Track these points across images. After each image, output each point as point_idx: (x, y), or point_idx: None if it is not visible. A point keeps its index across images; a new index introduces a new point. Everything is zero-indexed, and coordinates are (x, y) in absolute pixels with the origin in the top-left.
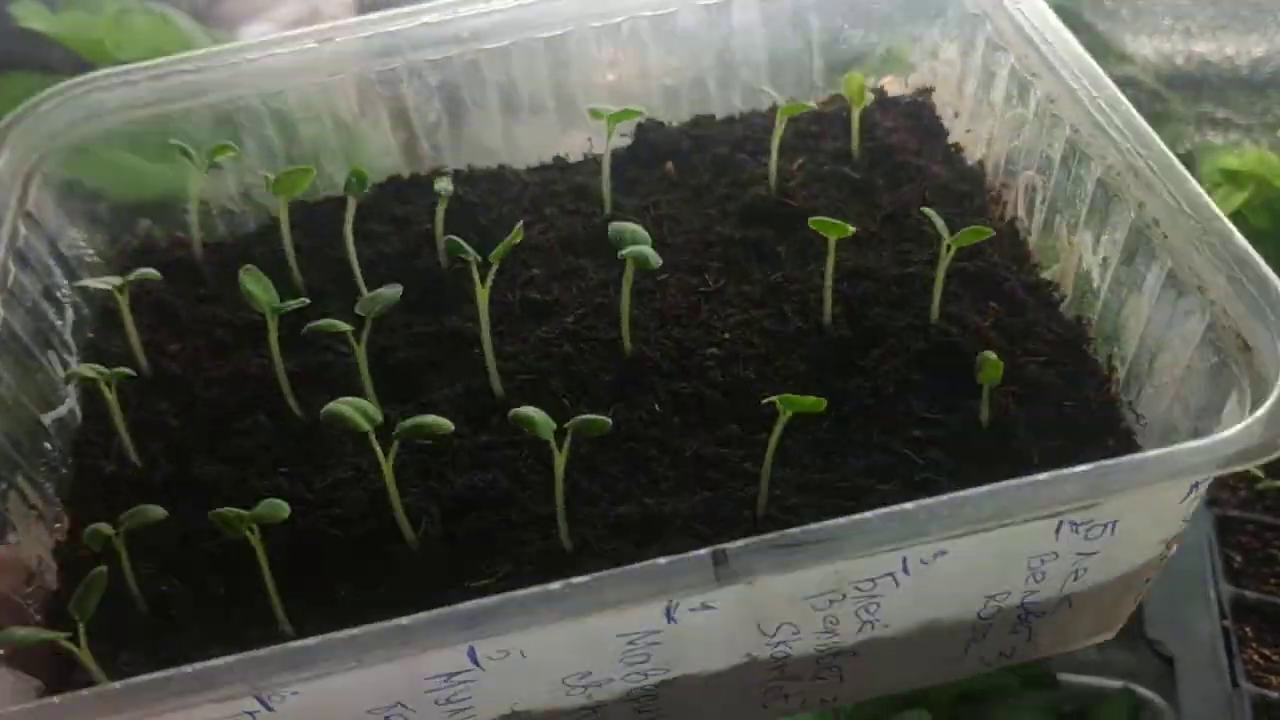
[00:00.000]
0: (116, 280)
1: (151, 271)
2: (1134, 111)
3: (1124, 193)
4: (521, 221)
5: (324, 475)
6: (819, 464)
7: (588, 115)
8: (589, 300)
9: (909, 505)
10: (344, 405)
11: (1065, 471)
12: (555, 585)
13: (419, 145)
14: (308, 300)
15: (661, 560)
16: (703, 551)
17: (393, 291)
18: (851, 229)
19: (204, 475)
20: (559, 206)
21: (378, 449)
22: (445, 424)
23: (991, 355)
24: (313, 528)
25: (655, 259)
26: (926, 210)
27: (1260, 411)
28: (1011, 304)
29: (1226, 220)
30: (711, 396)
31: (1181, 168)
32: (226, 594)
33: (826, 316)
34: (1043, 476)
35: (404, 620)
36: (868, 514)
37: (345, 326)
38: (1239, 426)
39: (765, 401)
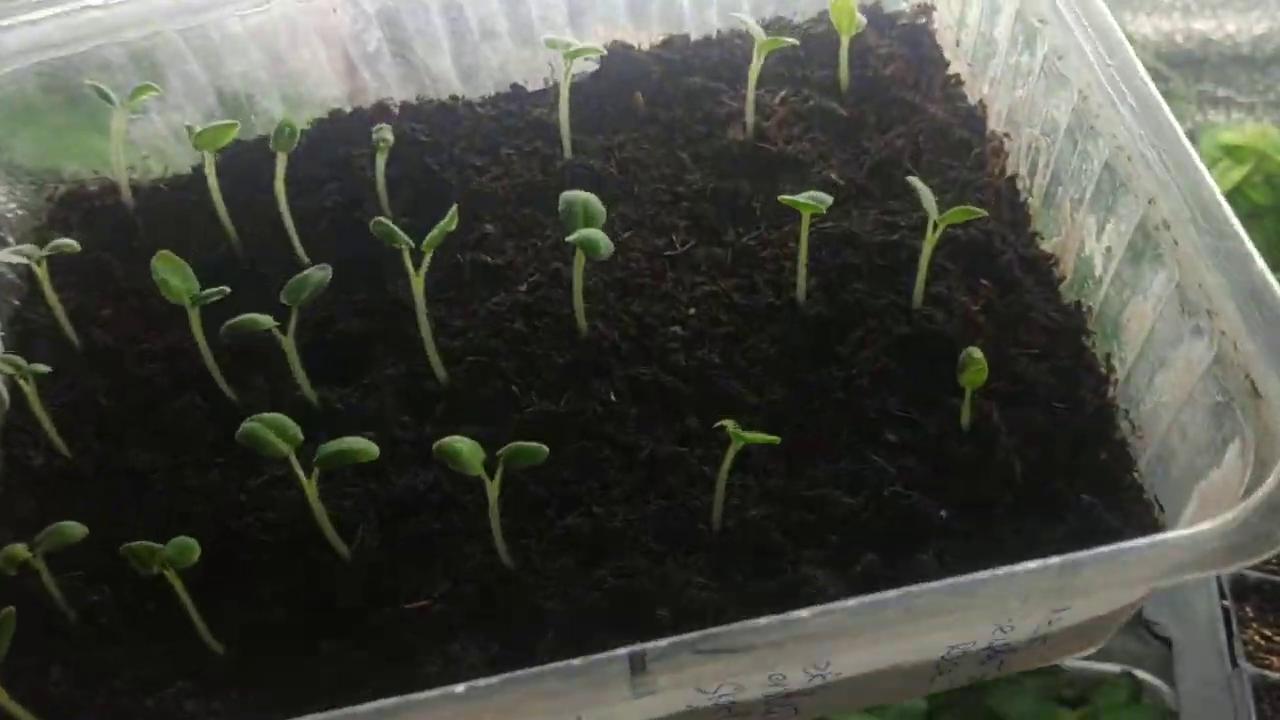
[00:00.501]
0: (34, 250)
1: (70, 242)
2: (1150, 85)
3: (1132, 182)
4: (455, 207)
5: (258, 470)
6: (782, 469)
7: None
8: (545, 265)
9: (850, 603)
10: (261, 426)
11: (1030, 567)
12: (458, 689)
13: (359, 76)
14: (227, 289)
15: (575, 662)
16: (621, 652)
17: (322, 274)
18: (825, 206)
19: (137, 463)
20: (515, 147)
21: (300, 473)
22: (371, 450)
23: (976, 355)
24: (244, 532)
25: (607, 246)
26: (913, 181)
27: (1259, 493)
28: (1006, 282)
29: (1246, 238)
30: (672, 384)
31: (1199, 164)
32: (158, 603)
33: (800, 293)
34: (1000, 573)
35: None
36: (802, 613)
37: (268, 322)
38: (1232, 516)
39: (716, 426)
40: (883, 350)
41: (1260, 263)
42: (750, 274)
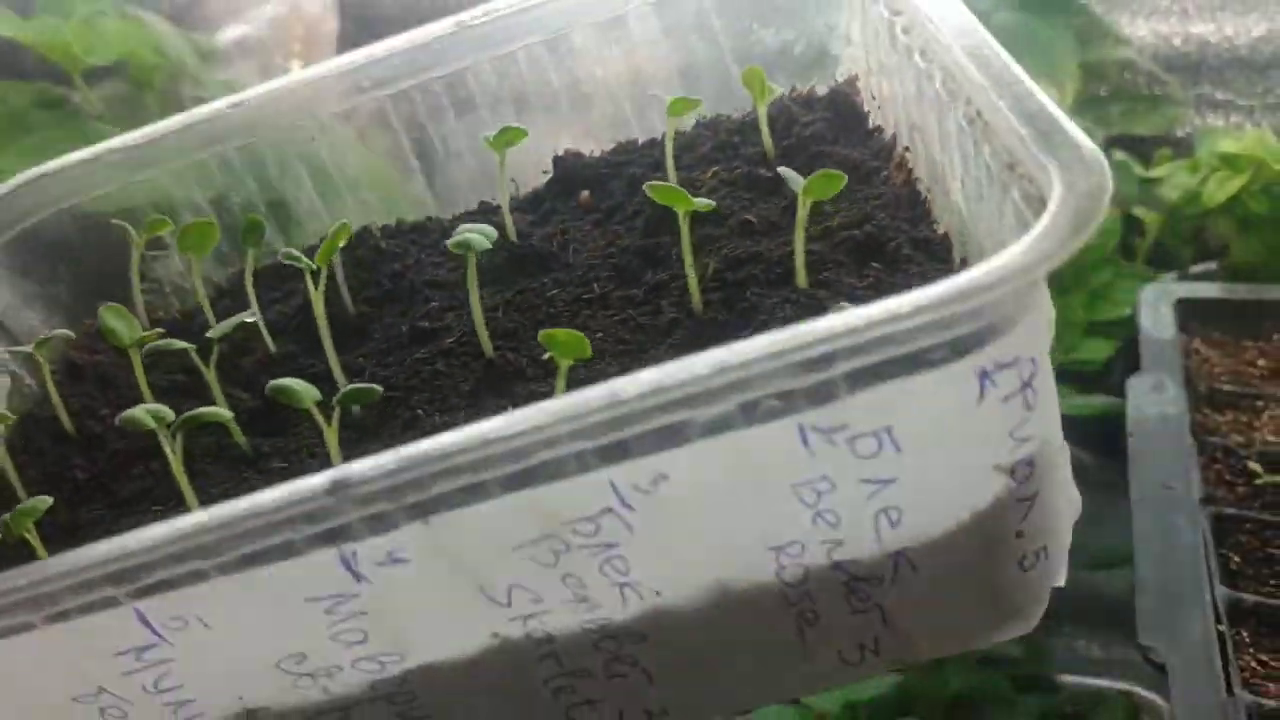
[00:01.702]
0: (32, 345)
1: (66, 332)
2: (964, 11)
3: (956, 96)
4: (344, 221)
5: (184, 509)
6: None
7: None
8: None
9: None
10: (139, 410)
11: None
12: (184, 519)
13: (344, 201)
14: (164, 330)
15: (279, 486)
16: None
17: (241, 316)
18: (705, 203)
19: (86, 519)
20: None
21: (167, 448)
22: (224, 414)
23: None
24: None
25: (484, 242)
26: (781, 170)
27: (1020, 241)
28: (895, 262)
29: (1031, 84)
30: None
31: (996, 48)
32: None
33: (695, 303)
34: (716, 351)
35: (35, 565)
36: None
37: (185, 345)
38: (984, 263)
39: (546, 358)
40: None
41: (1039, 94)
42: (658, 301)
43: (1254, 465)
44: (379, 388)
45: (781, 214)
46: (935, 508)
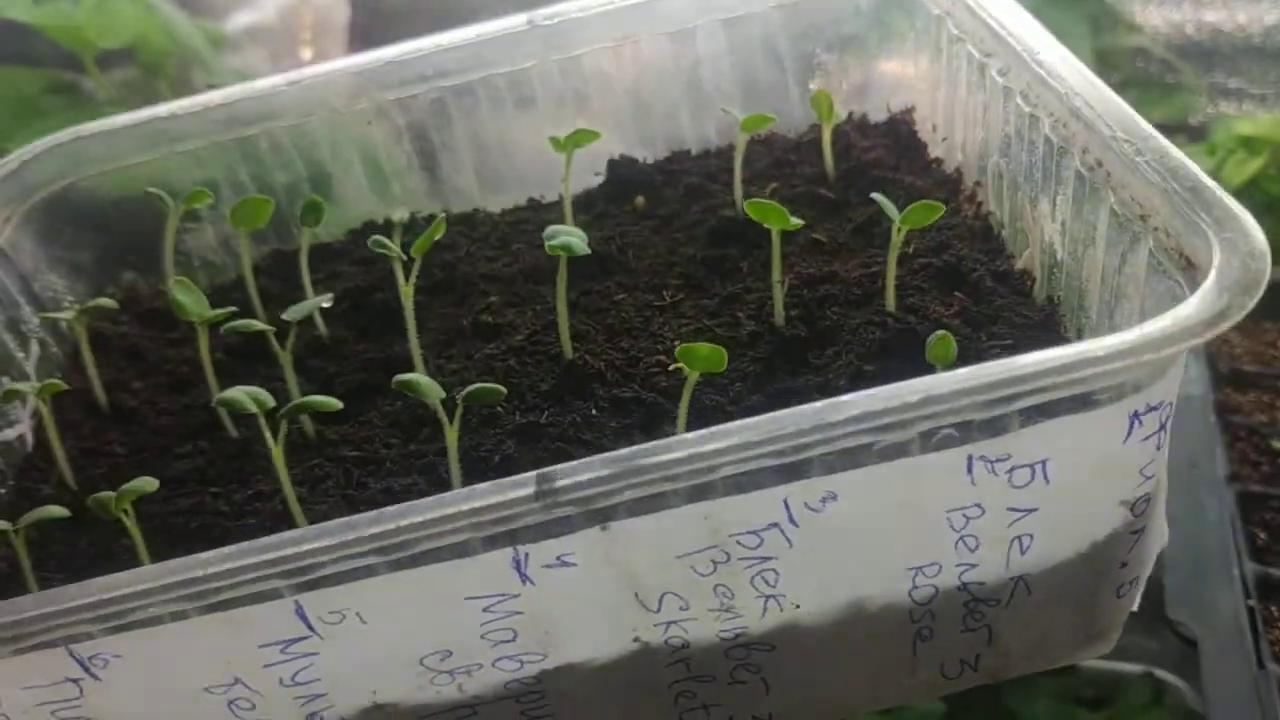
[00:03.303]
0: (74, 310)
1: (109, 302)
2: (1073, 58)
3: (1069, 142)
4: (443, 214)
5: (246, 489)
6: None
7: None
8: (541, 320)
9: (762, 417)
10: (237, 391)
11: (949, 374)
12: (361, 517)
13: (390, 189)
14: (235, 309)
15: (483, 485)
16: (528, 475)
17: (319, 299)
18: (796, 220)
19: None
20: (526, 242)
21: (267, 433)
22: (333, 403)
23: (943, 333)
24: (222, 537)
25: (581, 247)
26: (876, 196)
27: (1193, 298)
28: (979, 293)
29: (1162, 137)
30: (652, 399)
31: (1117, 98)
32: None
33: (779, 318)
34: (919, 381)
35: (205, 555)
36: (728, 425)
37: (264, 326)
38: (1166, 316)
39: (673, 368)
40: (857, 356)
41: (1174, 150)
42: (734, 313)
43: (1278, 444)
44: (502, 389)
45: (850, 235)
46: (1063, 537)
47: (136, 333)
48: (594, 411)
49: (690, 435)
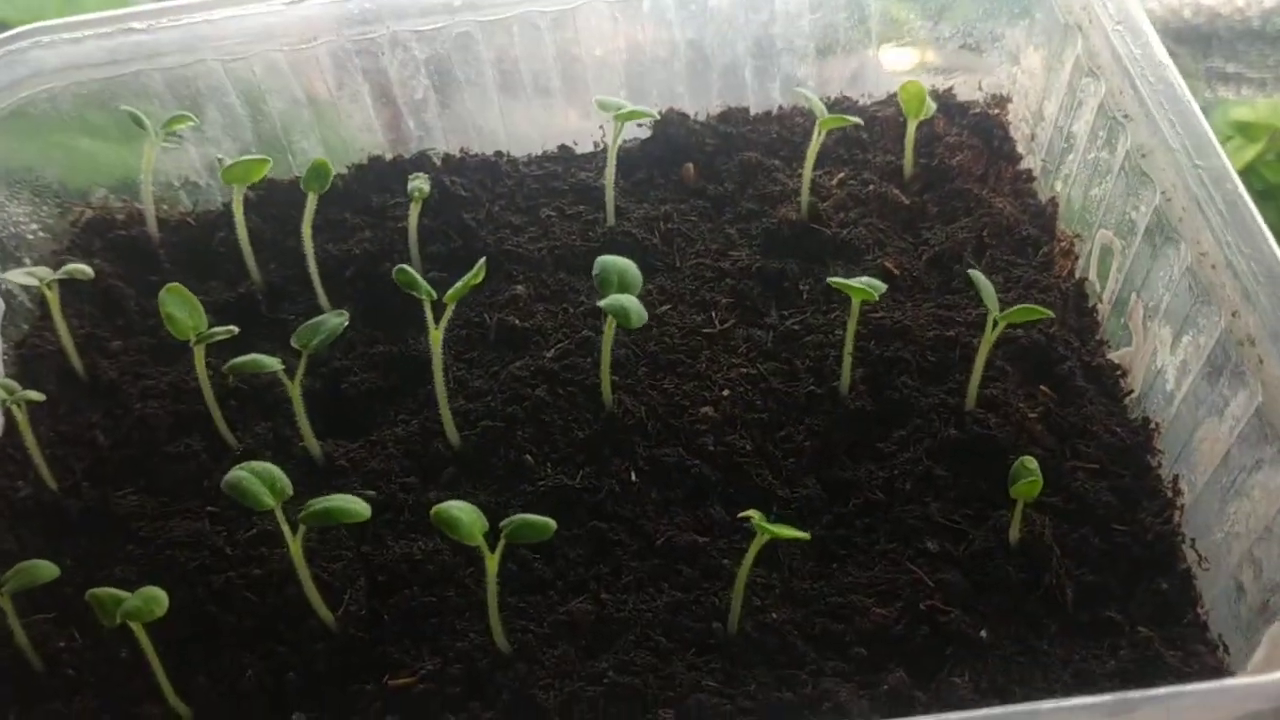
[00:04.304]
0: (46, 273)
1: (83, 268)
2: (1243, 192)
3: (1216, 292)
4: (484, 260)
5: (249, 523)
6: (811, 570)
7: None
8: (574, 330)
9: None
10: (249, 476)
11: (1078, 701)
12: None
13: (404, 123)
14: (235, 329)
15: None
16: None
17: (338, 321)
18: (877, 294)
19: (124, 507)
20: (557, 209)
21: (286, 531)
22: (362, 510)
23: (1031, 464)
24: (227, 589)
25: (639, 316)
26: (974, 274)
27: None
28: (1066, 390)
29: None
30: (698, 469)
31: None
32: (131, 650)
33: (844, 386)
34: (1045, 706)
35: None
36: None
37: (275, 364)
38: None
39: (741, 516)
40: (928, 452)
41: None
42: (791, 359)
43: None
44: (552, 525)
45: (926, 269)
46: None
47: (111, 270)
48: (633, 477)
49: None
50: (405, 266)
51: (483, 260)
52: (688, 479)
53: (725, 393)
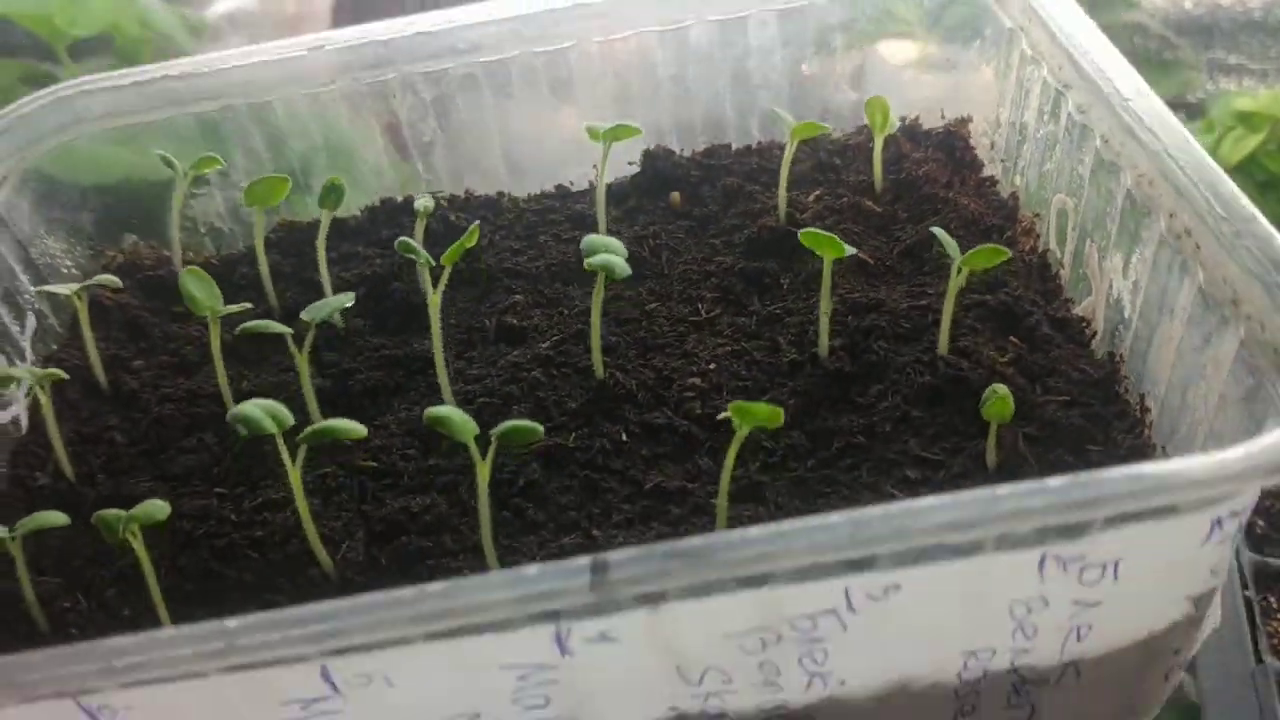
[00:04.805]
0: (75, 285)
1: (112, 278)
2: (1168, 112)
3: (1154, 202)
4: (477, 221)
5: (255, 495)
6: (795, 504)
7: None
8: (569, 327)
9: (835, 516)
10: (253, 407)
11: (1039, 483)
12: (405, 591)
13: (413, 165)
14: (250, 305)
15: (531, 569)
16: (582, 560)
17: (340, 298)
18: (849, 249)
19: (135, 492)
20: (553, 234)
21: (286, 458)
22: (358, 429)
23: (1001, 388)
24: (229, 549)
25: (623, 268)
26: (936, 230)
27: None
28: (1035, 340)
29: (1263, 220)
30: (685, 428)
31: (1217, 168)
32: (132, 615)
33: (823, 349)
34: (1008, 488)
35: (230, 622)
36: (790, 523)
37: (282, 328)
38: (1267, 439)
39: (720, 418)
40: (905, 399)
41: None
42: (774, 337)
43: None
44: (539, 430)
45: (898, 258)
46: (1122, 627)
47: (138, 303)
48: (624, 437)
49: (755, 532)
50: (407, 239)
51: (476, 223)
52: (676, 437)
53: (712, 366)
